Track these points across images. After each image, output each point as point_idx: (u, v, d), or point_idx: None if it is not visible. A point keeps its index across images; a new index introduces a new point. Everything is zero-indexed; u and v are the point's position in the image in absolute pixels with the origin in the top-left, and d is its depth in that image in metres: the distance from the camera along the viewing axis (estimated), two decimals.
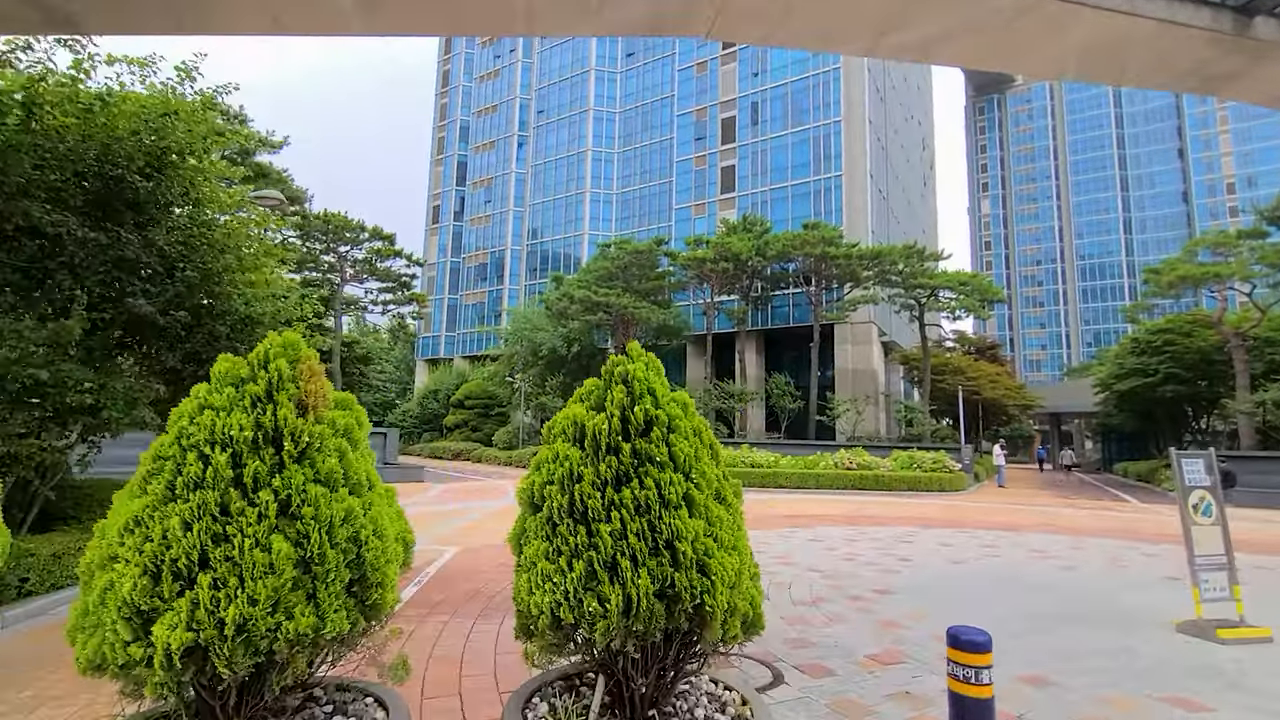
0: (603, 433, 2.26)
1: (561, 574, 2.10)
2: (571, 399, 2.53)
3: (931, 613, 6.58)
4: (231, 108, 22.13)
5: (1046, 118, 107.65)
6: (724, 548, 2.20)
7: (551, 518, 2.21)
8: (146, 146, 6.15)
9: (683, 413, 2.40)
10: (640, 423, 2.30)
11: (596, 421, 2.29)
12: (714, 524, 2.22)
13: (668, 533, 2.10)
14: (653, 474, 2.18)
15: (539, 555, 2.19)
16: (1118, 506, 20.25)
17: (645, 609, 2.03)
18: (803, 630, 5.90)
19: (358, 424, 2.41)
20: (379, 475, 2.41)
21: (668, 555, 2.10)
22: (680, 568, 2.09)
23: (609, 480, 2.22)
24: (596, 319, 32.39)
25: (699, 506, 2.21)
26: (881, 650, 5.35)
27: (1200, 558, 6.20)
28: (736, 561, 2.21)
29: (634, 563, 2.09)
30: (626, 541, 2.10)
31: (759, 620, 2.31)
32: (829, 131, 40.16)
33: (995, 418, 45.00)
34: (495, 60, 61.86)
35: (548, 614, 2.09)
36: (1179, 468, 6.34)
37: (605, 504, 2.18)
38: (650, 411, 2.30)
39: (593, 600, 2.05)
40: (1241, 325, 27.25)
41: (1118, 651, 5.49)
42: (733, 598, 2.15)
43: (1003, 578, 8.35)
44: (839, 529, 12.72)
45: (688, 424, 2.35)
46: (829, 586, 7.66)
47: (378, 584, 2.14)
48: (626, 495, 2.16)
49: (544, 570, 2.14)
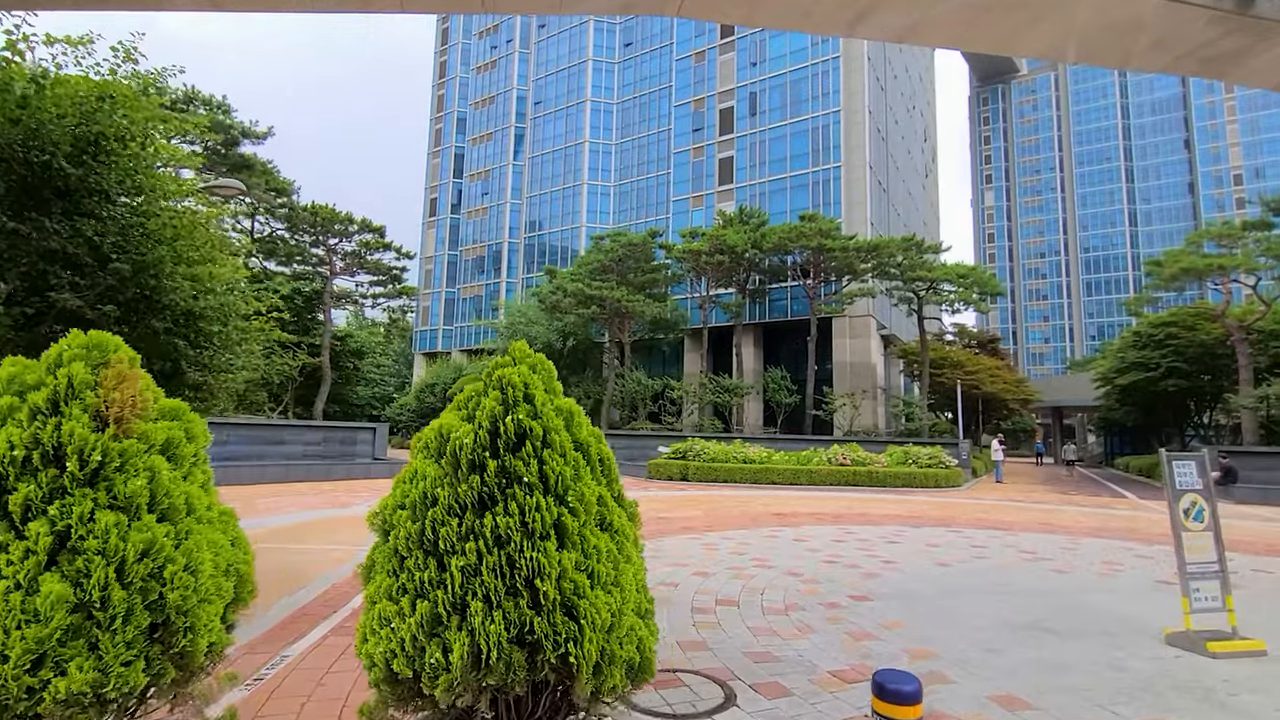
0: (465, 447, 1.93)
1: (401, 617, 1.77)
2: (449, 406, 2.20)
3: (908, 622, 6.24)
4: (214, 97, 21.79)
5: (1051, 108, 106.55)
6: (600, 585, 1.86)
7: (399, 549, 1.89)
8: (75, 132, 5.81)
9: (564, 424, 2.06)
10: (512, 436, 1.96)
11: (460, 434, 1.96)
12: (590, 556, 1.88)
13: (528, 569, 1.77)
14: (518, 498, 1.85)
15: (380, 593, 1.86)
16: (1116, 503, 19.88)
17: (498, 660, 1.70)
18: (768, 642, 5.57)
19: (188, 437, 2.08)
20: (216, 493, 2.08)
21: (527, 595, 1.77)
22: (541, 610, 1.76)
23: (470, 504, 1.89)
24: (590, 312, 32.04)
25: (572, 536, 1.88)
26: (848, 666, 5.02)
27: (1191, 565, 5.86)
28: (616, 600, 1.87)
29: (488, 604, 1.76)
30: (480, 579, 1.77)
31: (648, 666, 1.98)
32: (828, 122, 39.61)
33: (995, 412, 44.59)
34: (492, 51, 61.26)
35: (381, 666, 1.77)
36: (1169, 470, 5.98)
37: (462, 533, 1.85)
38: (524, 423, 1.97)
39: (436, 649, 1.72)
40: (1245, 318, 26.78)
41: (1102, 666, 5.15)
42: (609, 643, 1.81)
43: (989, 582, 8.01)
44: (826, 528, 12.39)
45: (565, 438, 2.01)
46: (805, 592, 7.33)
47: (186, 628, 1.81)
48: (488, 524, 1.83)
49: (382, 612, 1.82)
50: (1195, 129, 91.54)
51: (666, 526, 12.05)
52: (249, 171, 22.72)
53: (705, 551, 9.61)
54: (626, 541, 2.05)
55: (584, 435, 2.12)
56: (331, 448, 22.04)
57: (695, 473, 22.22)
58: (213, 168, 21.51)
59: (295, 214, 25.02)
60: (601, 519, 2.02)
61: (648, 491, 19.19)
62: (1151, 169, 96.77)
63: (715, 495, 18.43)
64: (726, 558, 9.15)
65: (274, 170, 23.96)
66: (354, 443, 23.51)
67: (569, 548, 1.86)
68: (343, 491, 17.41)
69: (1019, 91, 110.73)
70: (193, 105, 21.67)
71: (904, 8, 6.19)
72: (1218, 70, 8.45)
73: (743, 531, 11.62)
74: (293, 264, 28.21)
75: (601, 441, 2.20)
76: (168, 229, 6.19)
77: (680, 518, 13.42)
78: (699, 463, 22.39)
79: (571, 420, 2.11)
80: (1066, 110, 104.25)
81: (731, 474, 21.84)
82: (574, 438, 2.09)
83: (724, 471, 21.94)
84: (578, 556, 1.86)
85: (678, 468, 22.59)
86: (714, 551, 9.62)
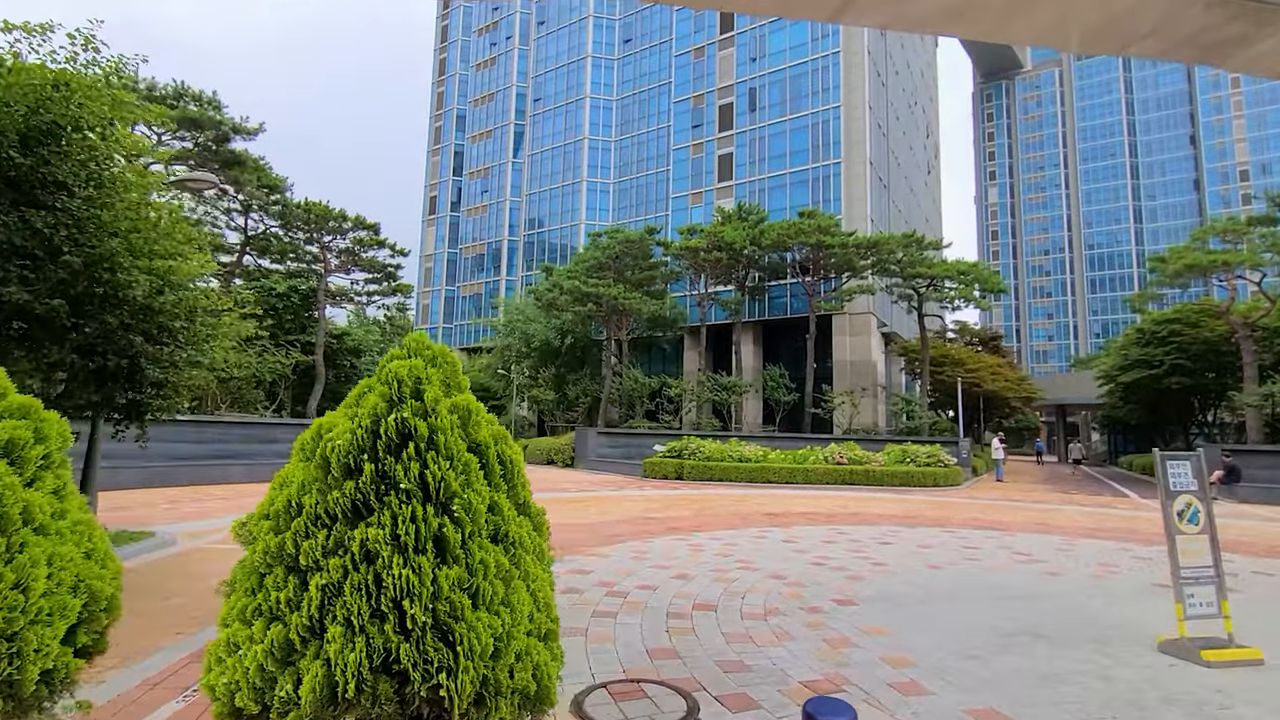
0: (339, 448, 1.71)
1: (252, 643, 1.56)
2: (341, 404, 1.98)
3: (891, 628, 6.01)
4: (204, 92, 21.58)
5: (1056, 104, 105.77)
6: (486, 605, 1.64)
7: (257, 564, 1.67)
8: (26, 121, 5.60)
9: (459, 424, 1.84)
10: (393, 436, 1.74)
11: (336, 433, 1.75)
12: (475, 573, 1.66)
13: (396, 588, 1.55)
14: (391, 506, 1.64)
15: (233, 615, 1.65)
16: (1117, 502, 19.59)
17: (358, 693, 1.48)
18: (742, 649, 5.34)
19: (37, 438, 1.86)
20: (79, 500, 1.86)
21: (394, 618, 1.55)
22: (410, 635, 1.54)
23: (342, 513, 1.67)
24: (587, 310, 31.79)
25: (454, 550, 1.65)
26: (821, 676, 4.79)
27: (1185, 570, 5.61)
28: (505, 622, 1.65)
29: (348, 629, 1.54)
30: (343, 599, 1.56)
31: (546, 695, 1.75)
32: (828, 117, 39.27)
33: (997, 410, 44.24)
34: (491, 48, 61.02)
35: (225, 700, 1.55)
36: (1162, 470, 5.73)
37: (330, 546, 1.63)
38: (408, 422, 1.75)
39: (289, 681, 1.51)
40: (1250, 315, 26.41)
41: (1089, 676, 4.91)
42: (494, 672, 1.59)
43: (979, 586, 7.78)
44: (818, 528, 12.15)
45: (456, 438, 1.78)
46: (788, 595, 7.11)
47: (12, 654, 1.59)
48: (358, 536, 1.62)
49: (232, 637, 1.60)
50: (1201, 125, 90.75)
51: (654, 527, 11.84)
52: (240, 168, 22.56)
53: (690, 553, 9.39)
54: (526, 555, 1.83)
55: (483, 435, 1.90)
56: None
57: (690, 471, 21.99)
58: (204, 164, 21.38)
59: (288, 211, 24.85)
60: (495, 530, 1.79)
61: (642, 490, 18.98)
62: (1157, 165, 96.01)
63: (709, 494, 18.21)
64: (711, 559, 8.93)
65: (266, 167, 23.77)
66: None
67: (451, 563, 1.64)
68: None
69: (1023, 87, 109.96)
70: (183, 101, 21.51)
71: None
72: (1219, 57, 8.20)
73: (731, 532, 11.40)
74: (286, 261, 28.03)
75: (505, 442, 1.97)
76: (123, 220, 5.97)
77: (669, 518, 13.21)
78: (694, 461, 22.17)
79: (469, 419, 1.89)
80: (1071, 106, 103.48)
81: (727, 473, 21.61)
82: (471, 439, 1.87)
83: (719, 470, 21.71)
84: (460, 573, 1.64)
85: (673, 466, 22.38)
86: (699, 553, 9.40)
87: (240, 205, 25.08)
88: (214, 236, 26.64)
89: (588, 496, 17.25)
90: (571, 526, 11.68)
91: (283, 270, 28.51)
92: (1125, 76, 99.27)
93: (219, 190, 24.08)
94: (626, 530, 11.32)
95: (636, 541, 10.19)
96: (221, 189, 8.22)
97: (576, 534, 10.82)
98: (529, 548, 1.84)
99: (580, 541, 10.06)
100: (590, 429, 29.16)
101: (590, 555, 8.97)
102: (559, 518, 12.77)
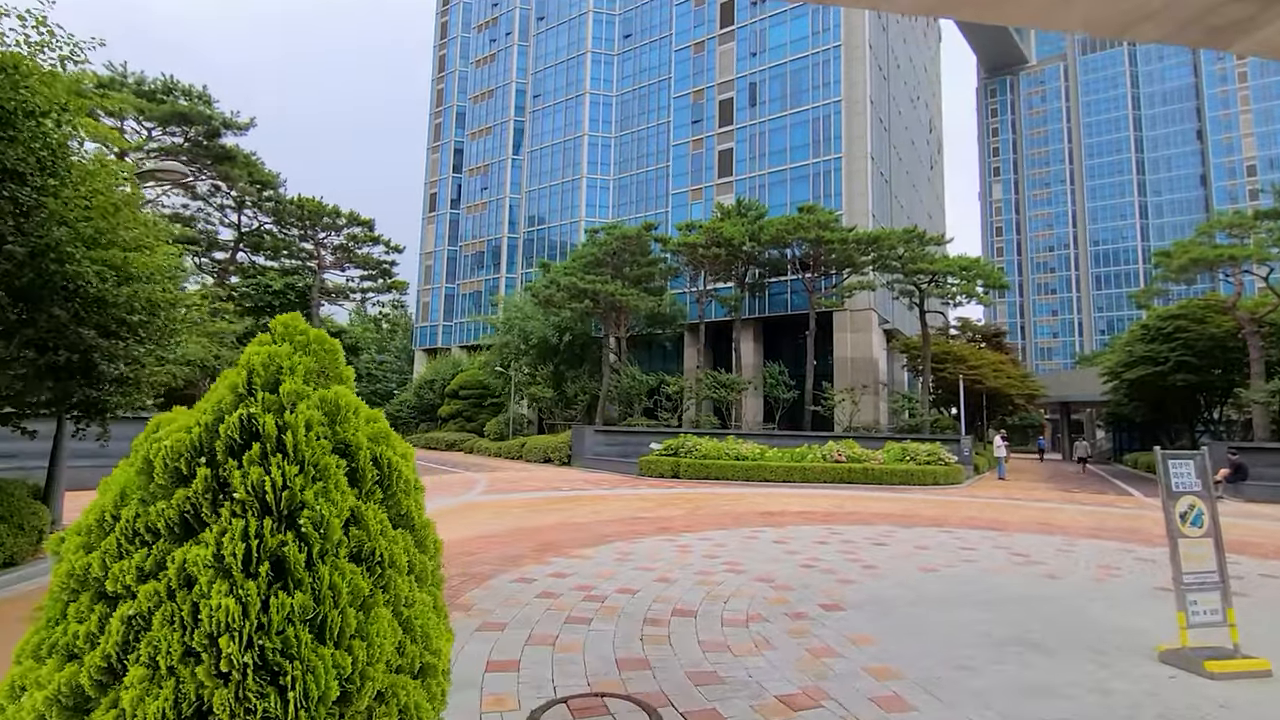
0: (167, 450, 1.43)
1: (36, 689, 1.29)
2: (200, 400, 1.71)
3: (878, 636, 5.73)
4: (194, 87, 21.33)
5: (1061, 99, 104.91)
6: (333, 638, 1.36)
7: (61, 589, 1.40)
8: None
9: (324, 421, 1.56)
10: (236, 436, 1.47)
11: (166, 431, 1.47)
12: (323, 600, 1.39)
13: (211, 621, 1.28)
14: (222, 520, 1.36)
15: (28, 650, 1.38)
16: (1121, 501, 19.25)
17: None
18: (718, 660, 5.06)
19: None
20: None
21: (210, 658, 1.28)
22: (228, 679, 1.27)
23: (168, 528, 1.40)
24: (583, 307, 31.48)
25: (296, 573, 1.38)
26: (799, 690, 4.50)
27: (1189, 576, 5.30)
28: (360, 658, 1.37)
29: (151, 671, 1.27)
30: (150, 634, 1.28)
31: None
32: (829, 112, 38.84)
33: (1000, 407, 43.83)
34: (491, 44, 60.67)
35: None
36: (1164, 470, 5.42)
37: (149, 568, 1.36)
38: (257, 418, 1.47)
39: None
40: (1257, 310, 26.00)
41: (1085, 689, 4.61)
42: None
43: (974, 589, 7.48)
44: (812, 528, 11.86)
45: (314, 437, 1.50)
46: (773, 600, 6.82)
47: None
48: (179, 557, 1.34)
49: (19, 678, 1.33)
50: (1208, 119, 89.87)
51: (643, 527, 11.56)
52: (231, 163, 22.30)
53: (677, 554, 9.11)
54: (398, 577, 1.55)
55: (355, 436, 1.61)
56: None
57: (687, 470, 21.71)
58: (195, 159, 21.15)
59: (281, 207, 24.60)
60: (358, 548, 1.51)
61: (635, 489, 18.71)
62: (1163, 160, 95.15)
63: (704, 493, 17.93)
64: (698, 561, 8.65)
65: (258, 162, 23.50)
66: None
67: (292, 588, 1.37)
68: None
69: (1027, 83, 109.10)
70: (172, 96, 21.25)
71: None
72: (1224, 40, 7.86)
73: (722, 532, 11.11)
74: (280, 258, 27.82)
75: (387, 443, 1.69)
76: (72, 209, 5.70)
77: (660, 517, 12.93)
78: (691, 459, 21.88)
79: (338, 415, 1.61)
80: (1076, 101, 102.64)
81: (724, 471, 21.31)
82: (339, 439, 1.59)
83: (716, 469, 21.42)
84: (303, 600, 1.36)
85: (669, 465, 22.09)
86: (686, 554, 9.12)
87: (234, 201, 24.84)
88: (208, 233, 26.46)
89: (580, 495, 16.99)
90: (558, 527, 11.41)
91: (278, 267, 28.27)
92: (1131, 71, 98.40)
93: (212, 185, 23.89)
94: (614, 530, 11.05)
95: (623, 543, 9.92)
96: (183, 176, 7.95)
97: (562, 534, 10.56)
98: (404, 567, 1.56)
99: (565, 542, 9.79)
100: (587, 427, 28.90)
101: (573, 557, 8.70)
102: (547, 518, 12.50)
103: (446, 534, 10.69)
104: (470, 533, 10.56)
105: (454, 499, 15.77)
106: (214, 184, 23.22)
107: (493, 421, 39.49)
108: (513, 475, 23.08)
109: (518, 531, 10.81)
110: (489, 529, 11.04)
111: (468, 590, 6.83)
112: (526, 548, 9.28)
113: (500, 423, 38.75)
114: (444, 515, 12.78)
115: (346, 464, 1.57)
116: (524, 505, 14.61)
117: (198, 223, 24.90)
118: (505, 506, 14.39)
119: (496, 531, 10.77)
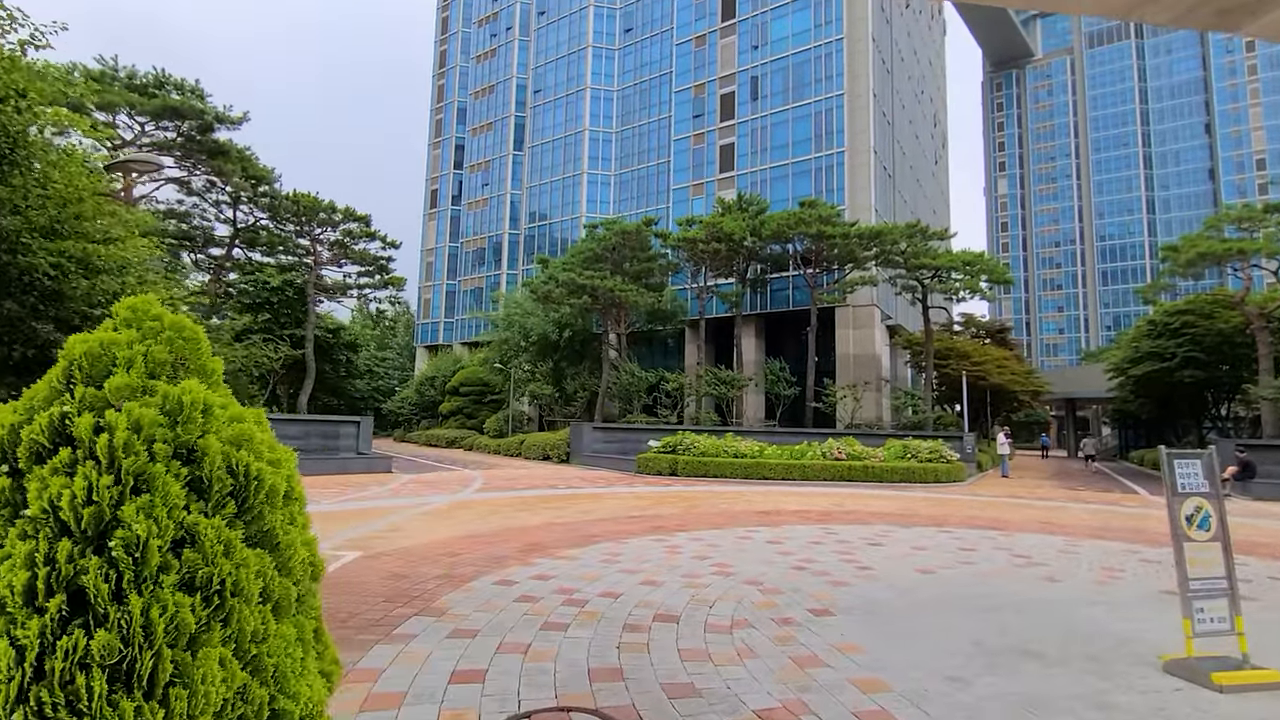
0: None
1: None
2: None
3: (867, 643, 5.46)
4: (186, 80, 21.11)
5: (1067, 93, 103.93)
6: (142, 687, 1.11)
7: None
8: None
9: (164, 422, 1.31)
10: (44, 439, 1.22)
11: None
12: (132, 640, 1.13)
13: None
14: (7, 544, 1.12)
15: None
16: (1126, 499, 18.91)
17: None
18: (697, 670, 4.81)
19: None
20: None
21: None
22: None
23: None
24: (582, 303, 31.21)
25: (100, 607, 1.13)
26: (779, 703, 4.25)
27: (1195, 582, 5.02)
28: (179, 709, 1.11)
29: None
30: None
31: None
32: (831, 106, 38.42)
33: (1005, 404, 43.40)
34: (491, 40, 60.34)
35: None
36: (1169, 470, 5.13)
37: None
38: (71, 417, 1.23)
39: None
40: (1266, 305, 25.54)
41: (1083, 703, 4.34)
42: None
43: (971, 593, 7.20)
44: (808, 528, 11.60)
45: (138, 443, 1.25)
46: (760, 605, 6.56)
47: None
48: None
49: None
50: (1216, 113, 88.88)
51: (635, 527, 11.32)
52: (224, 158, 22.09)
53: (666, 555, 8.87)
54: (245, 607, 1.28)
55: (200, 438, 1.36)
56: (312, 442, 21.44)
57: (685, 467, 21.45)
58: (188, 154, 20.97)
59: (277, 203, 24.41)
60: (191, 574, 1.25)
61: (631, 487, 18.47)
62: (1171, 154, 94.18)
63: (701, 492, 17.67)
64: (687, 563, 8.40)
65: (252, 157, 23.29)
66: (337, 436, 22.94)
67: (95, 626, 1.11)
68: (316, 489, 16.83)
69: (1033, 76, 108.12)
70: (164, 89, 21.02)
71: None
72: (1233, 22, 7.53)
73: (715, 532, 10.86)
74: (277, 254, 27.64)
75: (249, 448, 1.43)
76: (30, 196, 5.48)
77: (654, 516, 12.69)
78: (689, 457, 21.62)
79: (180, 415, 1.35)
80: (1083, 95, 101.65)
81: (722, 469, 21.05)
82: (181, 442, 1.34)
83: (714, 466, 21.16)
84: (106, 641, 1.10)
85: (666, 462, 21.84)
86: (676, 555, 8.87)
87: (229, 197, 24.66)
88: (204, 229, 26.30)
89: (574, 494, 16.75)
90: (548, 526, 11.18)
91: (274, 264, 28.10)
92: (1139, 64, 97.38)
93: (206, 181, 23.71)
94: (604, 530, 10.81)
95: (611, 543, 9.67)
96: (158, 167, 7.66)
97: (550, 534, 10.32)
98: (253, 595, 1.31)
99: (552, 543, 9.55)
100: (586, 424, 28.67)
101: (558, 558, 8.46)
102: (538, 517, 12.28)
103: (434, 533, 10.43)
104: (457, 532, 10.34)
105: (448, 497, 15.56)
106: (209, 179, 23.07)
107: (493, 418, 39.31)
108: (510, 473, 22.88)
109: (506, 531, 10.59)
110: (477, 528, 10.82)
111: (445, 594, 6.59)
112: (513, 548, 9.05)
113: (500, 420, 38.57)
114: (434, 514, 12.58)
115: (189, 472, 1.32)
116: (516, 503, 14.39)
117: (193, 218, 24.78)
118: (497, 505, 14.17)
119: (484, 531, 10.55)
